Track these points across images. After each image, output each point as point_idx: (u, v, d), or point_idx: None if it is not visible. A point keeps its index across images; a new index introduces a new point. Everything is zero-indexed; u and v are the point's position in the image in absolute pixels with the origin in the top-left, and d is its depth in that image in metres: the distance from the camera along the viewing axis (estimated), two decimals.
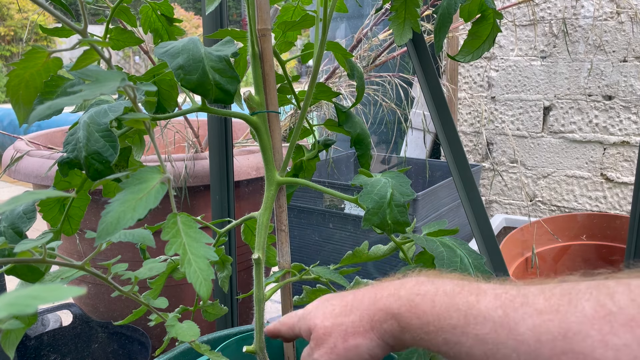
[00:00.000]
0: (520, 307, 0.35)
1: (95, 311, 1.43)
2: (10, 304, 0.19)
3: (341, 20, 2.45)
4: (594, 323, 0.31)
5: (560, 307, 0.33)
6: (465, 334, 0.37)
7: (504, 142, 2.23)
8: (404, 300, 0.42)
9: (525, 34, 2.11)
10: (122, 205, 0.45)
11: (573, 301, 0.33)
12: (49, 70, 0.57)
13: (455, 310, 0.38)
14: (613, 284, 0.33)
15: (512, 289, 0.37)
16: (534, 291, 0.36)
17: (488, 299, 0.37)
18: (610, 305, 0.31)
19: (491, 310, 0.36)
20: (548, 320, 0.33)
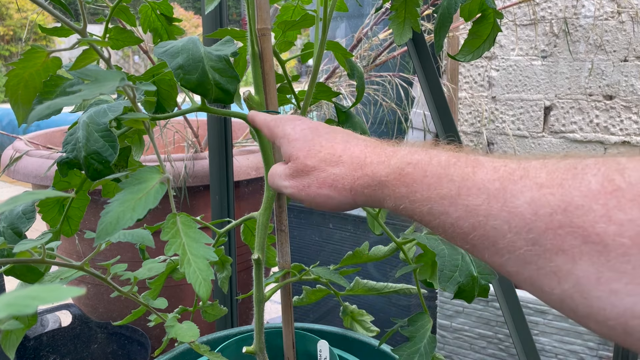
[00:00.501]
0: (519, 180, 0.33)
1: (95, 312, 1.43)
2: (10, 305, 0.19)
3: (341, 19, 2.44)
4: (599, 198, 0.29)
5: (564, 181, 0.31)
6: (454, 205, 0.35)
7: (504, 142, 2.23)
8: (394, 168, 0.40)
9: (525, 33, 2.11)
10: (121, 206, 0.45)
11: (579, 175, 0.30)
12: (48, 70, 0.56)
13: (448, 181, 0.36)
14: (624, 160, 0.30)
15: (512, 162, 0.35)
16: (535, 165, 0.33)
17: (485, 171, 0.35)
18: (620, 180, 0.29)
19: (487, 182, 0.34)
20: (549, 193, 0.31)
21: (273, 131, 0.51)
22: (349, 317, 0.80)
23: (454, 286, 0.55)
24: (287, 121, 0.50)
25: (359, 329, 0.79)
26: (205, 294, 0.45)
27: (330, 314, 1.59)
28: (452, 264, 0.55)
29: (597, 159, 0.31)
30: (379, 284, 0.76)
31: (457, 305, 1.31)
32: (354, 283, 0.75)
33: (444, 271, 0.55)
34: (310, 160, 0.45)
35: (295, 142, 0.47)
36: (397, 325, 0.61)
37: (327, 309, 1.60)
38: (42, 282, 0.55)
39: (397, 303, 1.47)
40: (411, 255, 0.66)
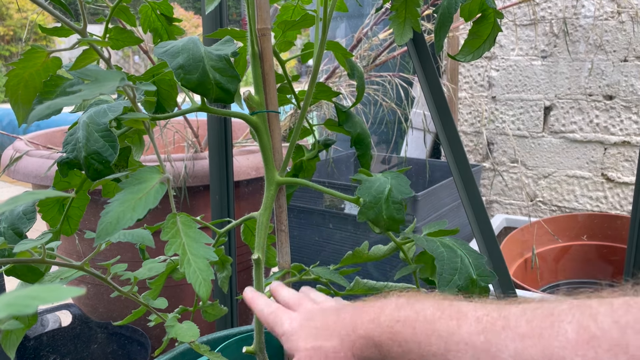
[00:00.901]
0: (502, 331, 0.34)
1: (95, 312, 1.43)
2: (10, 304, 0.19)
3: (341, 19, 2.44)
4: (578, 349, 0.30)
5: (543, 330, 0.32)
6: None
7: (504, 142, 2.23)
8: (384, 327, 0.41)
9: (525, 33, 2.11)
10: (121, 205, 0.45)
11: (555, 324, 0.32)
12: (48, 70, 0.56)
13: (437, 337, 0.38)
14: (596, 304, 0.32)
15: (493, 310, 0.36)
16: (515, 312, 0.35)
17: (469, 322, 0.37)
18: (594, 328, 0.30)
19: (473, 336, 0.36)
20: (530, 345, 0.32)
21: (273, 328, 0.53)
22: None
23: (454, 289, 0.55)
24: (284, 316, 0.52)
25: None
26: (205, 294, 0.45)
27: None
28: (452, 267, 0.55)
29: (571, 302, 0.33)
30: (378, 283, 0.76)
31: None
32: (354, 283, 0.75)
33: (443, 274, 0.55)
34: (309, 343, 0.46)
35: (293, 336, 0.49)
36: None
37: None
38: (42, 282, 0.55)
39: None
40: (411, 255, 0.66)
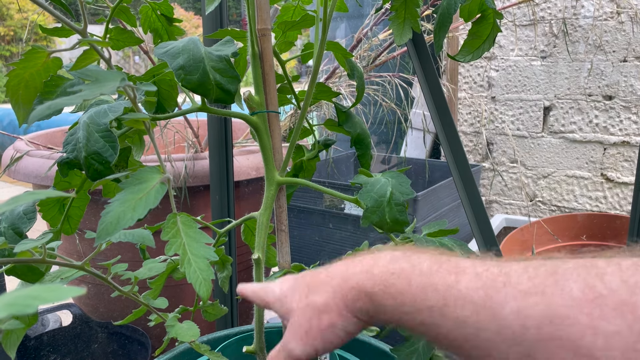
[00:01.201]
0: (502, 288, 0.33)
1: (95, 311, 1.43)
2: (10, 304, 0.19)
3: (341, 20, 2.44)
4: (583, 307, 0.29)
5: (546, 288, 0.31)
6: (444, 316, 0.35)
7: (504, 142, 2.23)
8: (378, 279, 0.40)
9: (525, 33, 2.11)
10: (121, 205, 0.45)
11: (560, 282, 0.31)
12: (49, 70, 0.57)
13: (433, 291, 0.36)
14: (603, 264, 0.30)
15: (493, 266, 0.35)
16: (517, 269, 0.33)
17: (468, 278, 0.35)
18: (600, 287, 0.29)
19: (472, 291, 0.34)
20: (533, 303, 0.31)
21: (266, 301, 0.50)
22: None
23: None
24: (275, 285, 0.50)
25: None
26: (205, 294, 0.45)
27: None
28: None
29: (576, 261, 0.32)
30: None
31: None
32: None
33: None
34: (302, 302, 0.44)
35: (286, 298, 0.47)
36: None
37: None
38: (42, 282, 0.56)
39: None
40: None
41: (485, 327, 0.33)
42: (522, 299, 0.31)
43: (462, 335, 0.34)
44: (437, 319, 0.35)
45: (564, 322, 0.29)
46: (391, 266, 0.40)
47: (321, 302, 0.43)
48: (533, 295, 0.31)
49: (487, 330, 0.33)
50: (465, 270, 0.36)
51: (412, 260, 0.39)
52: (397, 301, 0.38)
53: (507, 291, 0.32)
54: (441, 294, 0.35)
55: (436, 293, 0.36)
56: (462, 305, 0.34)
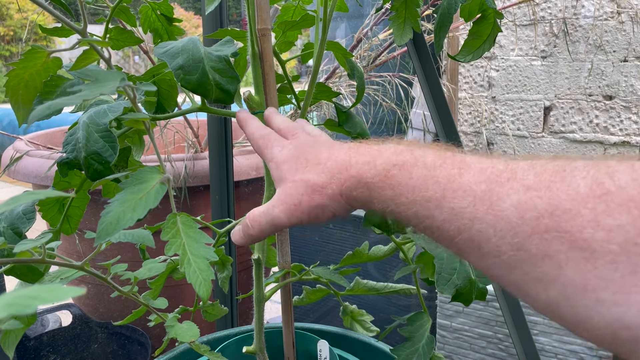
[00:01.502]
0: (506, 182, 0.32)
1: (95, 311, 1.43)
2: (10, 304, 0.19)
3: (341, 20, 2.44)
4: (588, 202, 0.28)
5: (552, 183, 0.30)
6: (440, 207, 0.34)
7: (504, 142, 2.23)
8: (379, 169, 0.39)
9: (525, 33, 2.11)
10: (121, 206, 0.45)
11: (567, 178, 0.29)
12: (49, 70, 0.56)
13: (434, 183, 0.35)
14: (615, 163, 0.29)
15: (499, 163, 0.34)
16: (523, 166, 0.32)
17: (472, 172, 0.34)
18: (609, 184, 0.27)
19: (473, 184, 0.33)
20: (536, 196, 0.30)
21: (261, 152, 0.50)
22: (349, 317, 0.80)
23: (452, 289, 0.55)
24: (275, 142, 0.49)
25: (359, 328, 0.79)
26: (205, 294, 0.45)
27: (330, 314, 1.59)
28: (450, 267, 0.55)
29: (586, 161, 0.31)
30: (379, 284, 0.76)
31: (457, 305, 1.31)
32: (354, 283, 0.75)
33: (441, 274, 0.55)
34: (298, 175, 0.44)
35: (283, 164, 0.46)
36: (396, 323, 0.61)
37: (327, 309, 1.60)
38: (42, 282, 0.56)
39: (397, 303, 1.47)
40: (411, 255, 0.66)
41: (481, 218, 0.32)
42: (525, 192, 0.30)
43: (455, 227, 0.33)
44: (433, 210, 0.35)
45: (564, 214, 0.28)
46: (394, 158, 0.39)
47: (317, 181, 0.43)
48: (537, 189, 0.30)
49: (482, 222, 0.32)
50: (470, 165, 0.35)
51: (416, 153, 0.38)
52: (395, 192, 0.38)
53: (511, 185, 0.31)
54: (441, 185, 0.35)
55: (436, 185, 0.35)
56: (461, 196, 0.33)
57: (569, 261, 0.27)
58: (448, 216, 0.34)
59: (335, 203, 0.43)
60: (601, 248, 0.26)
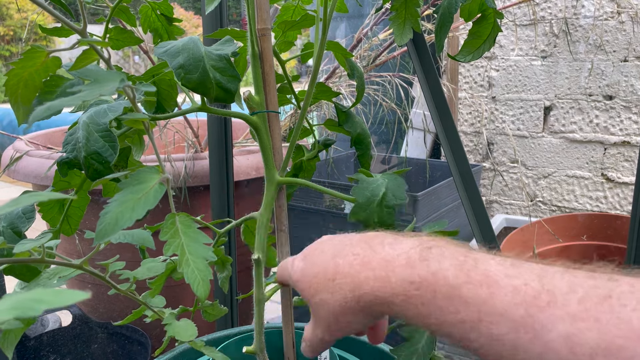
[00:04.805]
0: (547, 308, 0.30)
1: (95, 311, 1.43)
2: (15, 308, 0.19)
3: (341, 19, 2.44)
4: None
5: (600, 314, 0.28)
6: (476, 331, 0.32)
7: (504, 142, 2.23)
8: (397, 288, 0.37)
9: (525, 33, 2.11)
10: (120, 206, 0.45)
11: (615, 308, 0.28)
12: (48, 70, 0.56)
13: (463, 304, 0.33)
14: None
15: (532, 280, 0.32)
16: (561, 287, 0.30)
17: (503, 292, 0.32)
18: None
19: (510, 307, 0.31)
20: (585, 329, 0.28)
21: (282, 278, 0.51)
22: None
23: None
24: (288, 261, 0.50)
25: None
26: (203, 294, 0.45)
27: None
28: None
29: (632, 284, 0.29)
30: None
31: None
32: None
33: None
34: (316, 296, 0.43)
35: (297, 283, 0.46)
36: (396, 322, 0.61)
37: None
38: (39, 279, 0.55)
39: None
40: None
41: (526, 347, 0.30)
42: (571, 323, 0.29)
43: (496, 352, 0.32)
44: (469, 334, 0.33)
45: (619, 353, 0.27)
46: (409, 273, 0.37)
47: (334, 302, 0.41)
48: (584, 320, 0.29)
49: (527, 352, 0.30)
50: (499, 282, 0.33)
51: (433, 267, 0.36)
52: (420, 311, 0.36)
53: (553, 312, 0.30)
54: (473, 308, 0.33)
55: (467, 307, 0.33)
56: (499, 322, 0.32)
57: None
58: (487, 341, 0.32)
59: (360, 318, 0.41)
60: None
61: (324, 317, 0.43)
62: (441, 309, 0.35)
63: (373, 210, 0.56)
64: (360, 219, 0.57)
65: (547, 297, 0.31)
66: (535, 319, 0.30)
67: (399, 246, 0.39)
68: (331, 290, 0.42)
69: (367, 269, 0.39)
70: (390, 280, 0.37)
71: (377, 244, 0.41)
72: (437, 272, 0.35)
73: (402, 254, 0.38)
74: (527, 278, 0.32)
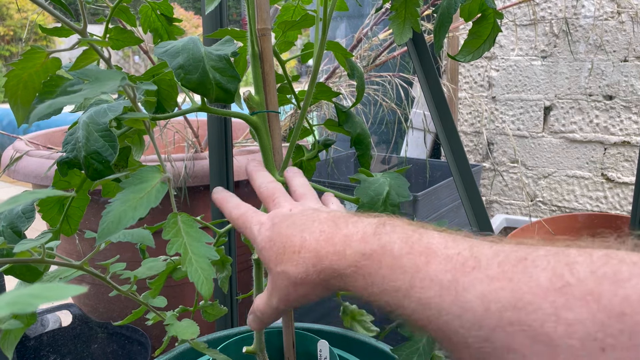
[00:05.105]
0: (471, 272, 0.32)
1: (95, 311, 1.43)
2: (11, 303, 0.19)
3: (341, 19, 2.44)
4: (548, 295, 0.28)
5: (514, 275, 0.30)
6: (408, 297, 0.35)
7: (504, 142, 2.23)
8: (350, 260, 0.40)
9: (525, 33, 2.11)
10: (123, 205, 0.45)
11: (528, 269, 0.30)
12: (48, 71, 0.56)
13: (402, 273, 0.36)
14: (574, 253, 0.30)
15: (465, 249, 0.34)
16: (487, 254, 0.33)
17: (438, 260, 0.34)
18: (568, 276, 0.28)
19: (439, 274, 0.34)
20: (499, 288, 0.30)
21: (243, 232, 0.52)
22: (349, 317, 0.80)
23: None
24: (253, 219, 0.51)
25: (359, 329, 0.79)
26: (207, 293, 0.45)
27: (330, 314, 1.59)
28: None
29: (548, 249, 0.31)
30: None
31: None
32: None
33: None
34: (279, 266, 0.45)
35: (263, 251, 0.48)
36: (397, 322, 0.61)
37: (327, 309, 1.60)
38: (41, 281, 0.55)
39: None
40: None
41: (447, 309, 0.32)
42: (489, 283, 0.31)
43: (425, 317, 0.34)
44: (402, 300, 0.35)
45: (526, 308, 0.29)
46: (362, 247, 0.40)
47: (296, 274, 0.44)
48: (500, 280, 0.31)
49: (448, 313, 0.32)
50: (437, 252, 0.35)
51: (383, 240, 0.39)
52: (366, 281, 0.38)
53: (475, 275, 0.32)
54: (409, 275, 0.35)
55: (404, 275, 0.36)
56: (428, 286, 0.34)
57: (533, 355, 0.28)
58: (417, 306, 0.34)
59: (317, 290, 0.44)
60: (562, 343, 0.27)
61: (283, 287, 0.45)
62: (383, 277, 0.37)
63: (378, 209, 0.57)
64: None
65: (473, 262, 0.33)
66: (459, 282, 0.32)
67: (360, 224, 0.42)
68: (295, 262, 0.44)
69: (329, 245, 0.42)
70: (346, 253, 0.41)
71: (342, 222, 0.44)
72: (386, 245, 0.38)
73: (360, 229, 0.41)
74: (461, 248, 0.35)
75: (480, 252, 0.33)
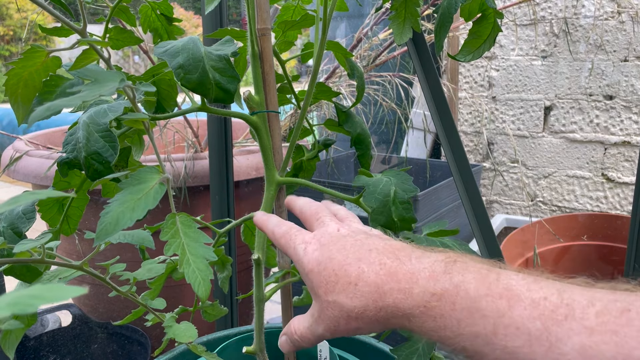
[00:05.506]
0: (564, 321, 0.30)
1: (95, 312, 1.43)
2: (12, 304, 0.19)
3: (341, 19, 2.44)
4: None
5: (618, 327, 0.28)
6: (491, 345, 0.32)
7: (504, 142, 2.23)
8: (418, 300, 0.37)
9: (526, 33, 2.11)
10: (121, 206, 0.45)
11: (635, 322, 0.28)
12: (48, 70, 0.56)
13: (481, 317, 0.33)
14: None
15: (552, 294, 0.31)
16: (581, 302, 0.30)
17: (522, 305, 0.32)
18: None
19: (527, 321, 0.31)
20: (601, 342, 0.28)
21: (286, 252, 0.48)
22: None
23: None
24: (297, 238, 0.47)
25: None
26: (204, 294, 0.45)
27: None
28: None
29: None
30: None
31: None
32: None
33: None
34: (331, 295, 0.41)
35: (310, 274, 0.44)
36: None
37: None
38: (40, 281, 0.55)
39: None
40: None
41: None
42: (588, 335, 0.29)
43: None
44: (482, 347, 0.33)
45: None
46: (432, 286, 0.36)
47: (351, 308, 0.40)
48: (601, 333, 0.28)
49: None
50: (520, 295, 0.32)
51: (455, 280, 0.36)
52: (437, 324, 0.36)
53: (570, 325, 0.29)
54: (490, 321, 0.32)
55: (484, 320, 0.33)
56: (514, 334, 0.31)
57: None
58: (502, 354, 0.32)
59: (373, 326, 0.41)
60: None
61: (334, 318, 0.42)
62: (458, 321, 0.34)
63: (390, 211, 0.56)
64: (381, 224, 0.56)
65: (565, 310, 0.30)
66: (551, 332, 0.30)
67: (426, 260, 0.39)
68: (351, 294, 0.40)
69: (392, 281, 0.39)
70: (413, 292, 0.37)
71: (405, 255, 0.40)
72: (459, 285, 0.35)
73: (428, 267, 0.38)
74: (547, 292, 0.32)
75: (572, 298, 0.31)
